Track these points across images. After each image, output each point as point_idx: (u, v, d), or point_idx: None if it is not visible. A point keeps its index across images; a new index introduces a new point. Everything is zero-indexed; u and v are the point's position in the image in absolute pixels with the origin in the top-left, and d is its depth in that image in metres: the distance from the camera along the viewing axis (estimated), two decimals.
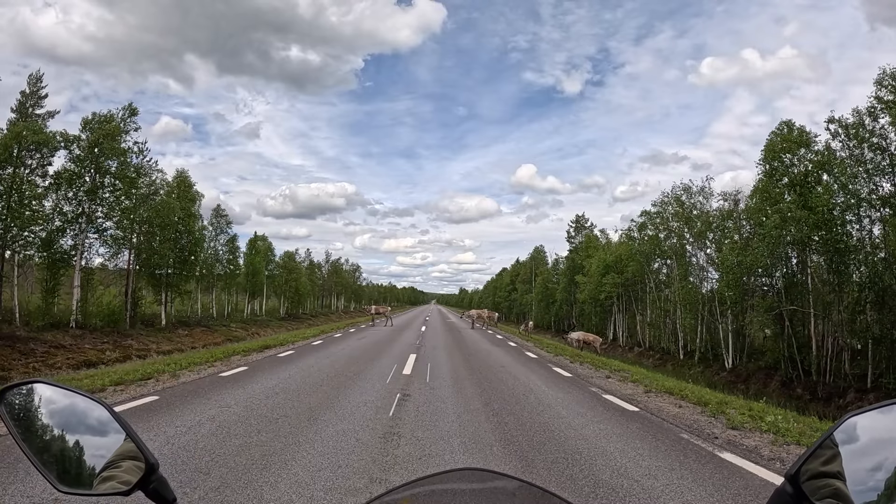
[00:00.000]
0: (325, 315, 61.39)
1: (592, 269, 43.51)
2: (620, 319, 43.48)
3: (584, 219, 56.47)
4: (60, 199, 24.36)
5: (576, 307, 52.06)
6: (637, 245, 38.03)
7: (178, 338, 26.53)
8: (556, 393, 9.84)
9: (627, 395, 10.26)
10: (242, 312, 40.99)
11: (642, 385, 11.63)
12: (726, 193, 31.35)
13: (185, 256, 29.70)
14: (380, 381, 10.19)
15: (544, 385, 10.78)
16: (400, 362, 13.24)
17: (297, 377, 10.38)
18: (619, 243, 42.93)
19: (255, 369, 11.43)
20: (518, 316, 75.21)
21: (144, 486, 0.81)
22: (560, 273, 57.47)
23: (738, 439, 6.81)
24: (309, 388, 9.06)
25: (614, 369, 14.61)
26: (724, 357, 29.02)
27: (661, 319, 37.12)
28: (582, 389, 10.53)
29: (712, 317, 30.81)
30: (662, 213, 36.97)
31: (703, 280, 33.70)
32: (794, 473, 0.75)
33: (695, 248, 34.32)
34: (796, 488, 0.74)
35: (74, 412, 0.87)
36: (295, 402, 7.80)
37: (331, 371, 11.40)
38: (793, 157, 25.04)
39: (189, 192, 30.25)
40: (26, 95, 25.79)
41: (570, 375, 12.71)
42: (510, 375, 12.08)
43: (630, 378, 12.61)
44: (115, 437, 0.86)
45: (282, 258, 50.39)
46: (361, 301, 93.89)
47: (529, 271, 70.24)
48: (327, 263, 73.24)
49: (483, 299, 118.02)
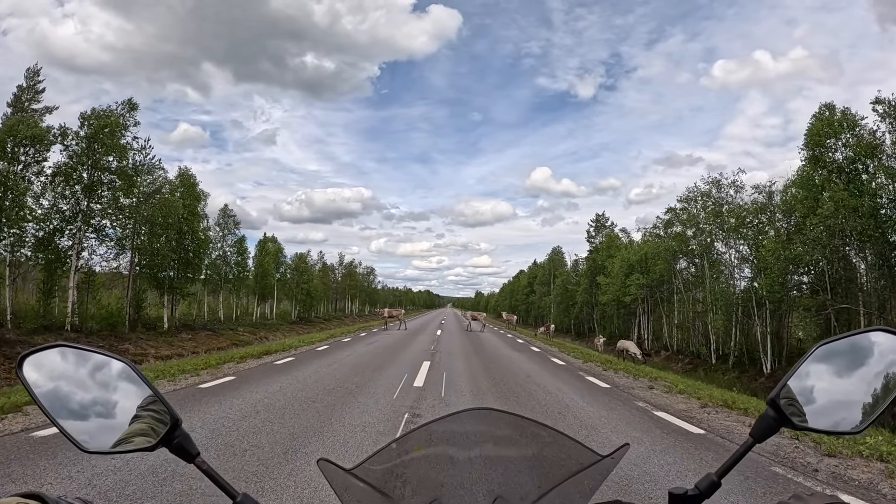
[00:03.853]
0: (338, 319, 59.97)
1: (616, 270, 41.41)
2: (646, 322, 41.27)
3: (605, 218, 54.35)
4: (57, 197, 23.28)
5: (597, 309, 49.98)
6: (665, 242, 35.92)
7: (180, 342, 25.20)
8: (597, 410, 8.11)
9: (682, 411, 8.53)
10: (252, 316, 39.69)
11: (694, 397, 9.90)
12: (760, 186, 29.18)
13: (188, 258, 28.41)
14: (386, 395, 8.55)
15: (581, 400, 9.06)
16: (411, 371, 11.59)
17: (288, 390, 8.79)
18: (644, 241, 40.79)
19: (243, 380, 9.88)
20: (536, 319, 73.06)
21: (169, 441, 0.81)
22: (580, 274, 55.31)
23: (843, 470, 5.30)
24: (298, 406, 7.46)
25: (653, 377, 12.86)
26: (762, 361, 26.88)
27: (690, 321, 34.98)
28: (626, 404, 8.80)
29: (748, 318, 28.68)
30: (689, 208, 34.93)
31: (736, 279, 31.55)
32: (775, 397, 0.80)
33: (727, 244, 32.15)
34: (778, 411, 0.80)
35: (96, 372, 0.84)
36: (276, 426, 6.21)
37: (330, 382, 9.80)
38: (836, 142, 23.04)
39: (193, 191, 28.96)
40: (23, 90, 24.73)
41: (608, 386, 10.96)
42: (538, 387, 10.37)
43: (676, 388, 10.86)
44: (138, 394, 0.84)
45: (293, 260, 49.18)
46: (377, 304, 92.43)
47: (548, 273, 68.12)
48: (341, 266, 71.98)
49: (499, 302, 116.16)
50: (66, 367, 0.84)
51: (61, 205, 23.22)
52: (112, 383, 0.84)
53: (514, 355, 17.46)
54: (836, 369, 0.82)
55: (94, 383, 0.84)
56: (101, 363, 0.85)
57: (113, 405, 0.83)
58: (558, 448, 0.93)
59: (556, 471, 0.91)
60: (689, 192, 34.64)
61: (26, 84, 25.11)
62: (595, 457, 0.87)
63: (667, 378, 13.45)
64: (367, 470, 0.87)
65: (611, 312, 45.67)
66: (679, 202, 35.66)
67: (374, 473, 0.87)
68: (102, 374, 0.84)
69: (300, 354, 15.05)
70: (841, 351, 0.83)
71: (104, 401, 0.84)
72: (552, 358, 16.87)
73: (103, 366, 0.85)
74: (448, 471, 0.93)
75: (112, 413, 0.83)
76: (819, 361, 0.83)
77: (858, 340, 0.83)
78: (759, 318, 27.29)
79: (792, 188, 24.81)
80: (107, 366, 0.85)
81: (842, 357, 0.83)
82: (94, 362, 0.85)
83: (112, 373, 0.85)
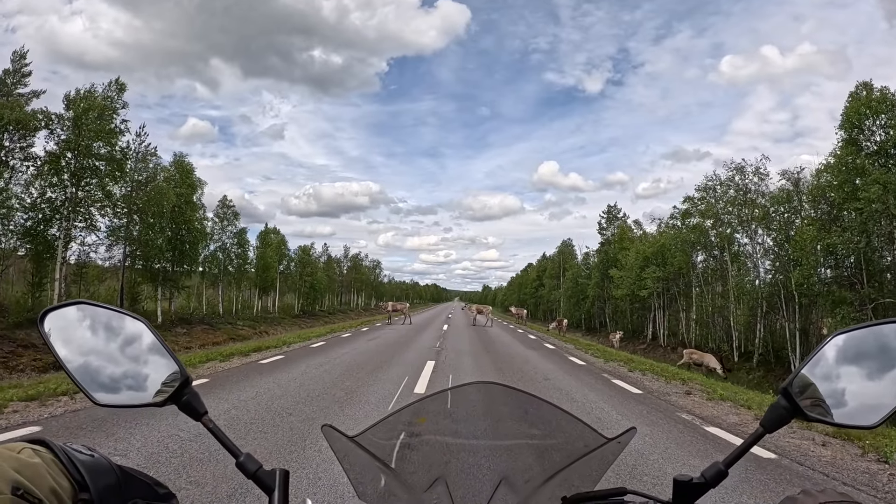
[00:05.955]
0: (343, 312, 58.68)
1: (630, 262, 39.68)
2: (661, 317, 39.54)
3: (617, 209, 52.43)
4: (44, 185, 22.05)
5: (609, 303, 48.27)
6: (683, 234, 34.17)
7: (174, 337, 23.95)
8: (638, 426, 6.62)
9: (735, 425, 7.11)
10: (252, 309, 38.42)
11: (742, 406, 8.48)
12: (787, 172, 27.32)
13: (183, 249, 27.08)
14: (380, 405, 7.13)
15: (614, 410, 7.59)
16: (413, 374, 10.16)
17: (264, 397, 7.39)
18: (661, 233, 39.01)
19: (216, 384, 8.51)
20: (545, 313, 71.40)
21: (178, 398, 0.82)
22: (592, 267, 53.54)
23: None
24: (270, 420, 6.06)
25: (686, 380, 11.39)
26: (791, 360, 25.22)
27: (709, 316, 33.27)
28: (669, 417, 7.33)
29: (775, 313, 26.99)
30: (708, 198, 33.15)
31: (761, 272, 29.83)
32: (787, 386, 0.76)
33: (753, 235, 30.39)
34: (790, 400, 0.76)
35: (112, 329, 0.84)
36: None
37: (316, 387, 8.39)
38: (874, 123, 21.35)
39: (189, 179, 27.58)
40: (8, 73, 23.46)
41: (640, 392, 9.48)
42: (561, 393, 8.90)
43: (716, 394, 9.37)
44: (151, 351, 0.84)
45: (296, 253, 47.85)
46: (383, 298, 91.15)
47: (558, 266, 66.41)
48: (346, 259, 70.66)
49: (507, 296, 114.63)
50: (83, 323, 0.84)
51: (49, 193, 22.00)
52: (126, 340, 0.84)
53: (528, 353, 15.99)
54: (854, 360, 0.76)
55: (110, 340, 0.84)
56: (118, 320, 0.84)
57: (126, 361, 0.84)
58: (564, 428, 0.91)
59: (562, 452, 0.89)
60: (707, 181, 32.88)
61: (12, 68, 23.90)
62: (601, 439, 0.85)
63: (696, 379, 11.99)
64: (370, 439, 0.86)
65: (624, 307, 43.98)
66: (697, 191, 33.91)
67: (377, 443, 0.87)
68: (118, 331, 0.84)
69: (291, 352, 13.67)
70: (860, 341, 0.77)
71: (118, 357, 0.84)
72: (570, 357, 15.39)
73: (119, 323, 0.84)
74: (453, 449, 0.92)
75: (125, 369, 0.83)
76: (836, 351, 0.77)
77: (880, 331, 0.76)
78: (788, 314, 25.60)
79: (825, 173, 23.09)
80: (122, 323, 0.85)
81: (860, 347, 0.76)
82: (111, 319, 0.85)
83: (127, 330, 0.85)
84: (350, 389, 8.23)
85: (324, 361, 11.78)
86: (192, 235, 27.77)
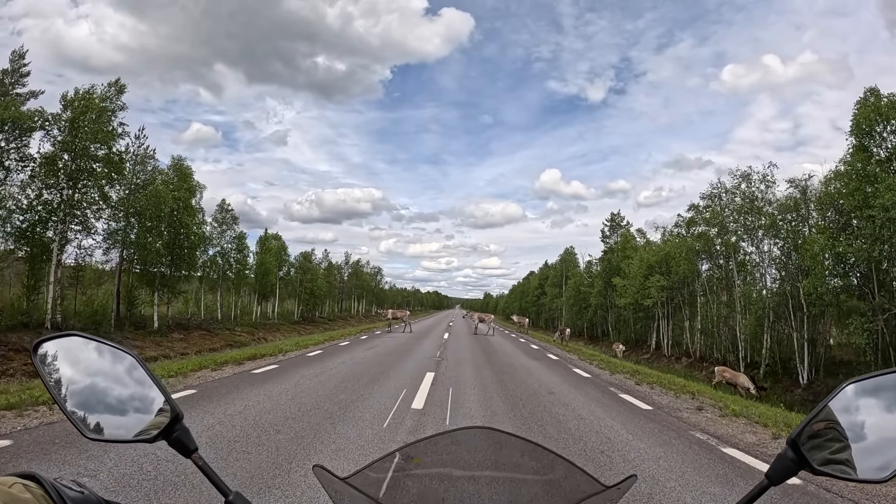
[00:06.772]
0: (343, 319, 58.22)
1: (634, 271, 39.18)
2: (665, 326, 38.97)
3: (620, 217, 52.01)
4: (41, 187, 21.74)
5: (611, 312, 47.74)
6: (688, 242, 33.71)
7: (170, 342, 23.54)
8: (650, 447, 6.19)
9: (753, 445, 6.70)
10: (252, 315, 37.99)
11: (758, 423, 8.05)
12: (795, 179, 26.88)
13: (181, 253, 26.71)
14: (374, 423, 6.69)
15: (624, 429, 7.13)
16: (411, 386, 9.71)
17: (252, 411, 6.96)
18: (665, 241, 38.54)
19: (203, 395, 8.08)
20: (547, 321, 70.81)
21: (168, 434, 0.82)
22: (594, 275, 53.04)
23: None
24: (256, 437, 5.64)
25: (692, 393, 10.95)
26: (798, 370, 24.68)
27: (714, 326, 32.73)
28: (682, 436, 6.88)
29: (783, 323, 26.46)
30: (713, 206, 32.70)
31: (767, 281, 29.31)
32: (795, 438, 0.74)
33: (759, 243, 29.90)
34: (797, 453, 0.73)
35: (105, 363, 0.85)
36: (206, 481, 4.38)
37: (309, 401, 7.96)
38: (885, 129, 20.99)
39: (187, 182, 27.25)
40: (6, 73, 23.24)
41: (650, 407, 9.03)
42: (568, 410, 8.44)
43: (730, 410, 8.92)
44: (142, 386, 0.84)
45: (297, 258, 47.50)
46: (384, 304, 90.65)
47: (560, 274, 65.86)
48: (347, 265, 70.27)
49: (509, 304, 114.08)
50: (76, 356, 0.84)
51: (45, 195, 21.69)
52: (118, 374, 0.84)
53: (530, 364, 15.53)
54: (864, 412, 0.73)
55: (102, 373, 0.84)
56: (110, 354, 0.85)
57: (117, 395, 0.83)
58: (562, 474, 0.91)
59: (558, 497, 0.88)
60: (713, 188, 32.44)
61: (11, 67, 23.68)
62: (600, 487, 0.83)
63: (707, 393, 11.55)
64: (364, 478, 0.85)
65: (627, 316, 43.43)
66: (702, 199, 33.48)
67: (370, 482, 0.86)
68: (110, 365, 0.84)
69: (287, 361, 13.23)
70: (870, 392, 0.74)
71: (109, 390, 0.83)
72: (574, 368, 14.92)
73: (112, 357, 0.85)
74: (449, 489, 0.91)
75: (116, 402, 0.83)
76: (845, 402, 0.74)
77: (888, 381, 0.74)
78: (797, 324, 25.07)
79: (834, 181, 22.68)
80: (115, 357, 0.85)
81: (870, 398, 0.74)
82: (104, 353, 0.85)
83: (119, 364, 0.85)
84: (344, 403, 7.79)
85: (319, 372, 11.35)
86: (190, 239, 27.41)
